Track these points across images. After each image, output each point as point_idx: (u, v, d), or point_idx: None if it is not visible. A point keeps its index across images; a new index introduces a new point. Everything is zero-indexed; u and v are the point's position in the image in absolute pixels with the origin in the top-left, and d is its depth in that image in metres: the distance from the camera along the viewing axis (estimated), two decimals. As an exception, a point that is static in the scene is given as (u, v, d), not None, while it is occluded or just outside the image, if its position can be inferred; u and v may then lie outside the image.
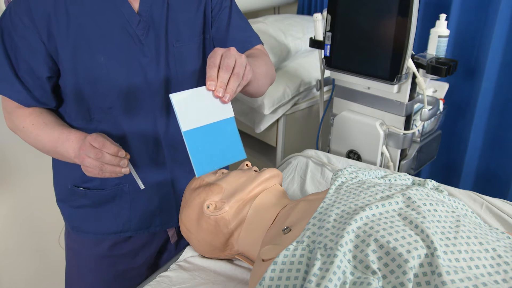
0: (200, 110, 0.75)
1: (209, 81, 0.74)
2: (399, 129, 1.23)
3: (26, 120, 0.93)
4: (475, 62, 1.55)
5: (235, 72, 0.75)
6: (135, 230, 1.06)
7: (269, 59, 1.07)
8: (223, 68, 0.74)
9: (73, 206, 1.05)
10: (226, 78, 0.74)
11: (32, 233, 1.60)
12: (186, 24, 0.98)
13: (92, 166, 0.82)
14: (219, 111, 0.77)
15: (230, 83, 0.75)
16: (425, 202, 0.71)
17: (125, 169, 0.85)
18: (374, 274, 0.59)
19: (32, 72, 0.89)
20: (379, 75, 1.17)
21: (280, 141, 1.71)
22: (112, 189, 1.02)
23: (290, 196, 1.14)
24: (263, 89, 1.01)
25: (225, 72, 0.74)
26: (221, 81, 0.74)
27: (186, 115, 0.74)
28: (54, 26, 0.87)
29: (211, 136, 0.76)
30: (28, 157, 1.49)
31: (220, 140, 0.77)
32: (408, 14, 1.05)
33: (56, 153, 0.93)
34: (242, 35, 1.05)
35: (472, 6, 1.50)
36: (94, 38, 0.89)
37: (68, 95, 0.94)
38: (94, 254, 1.08)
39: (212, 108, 0.76)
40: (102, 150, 0.81)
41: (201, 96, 0.75)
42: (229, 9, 1.03)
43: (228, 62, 0.74)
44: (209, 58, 0.76)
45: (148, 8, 0.93)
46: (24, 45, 0.87)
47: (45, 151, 0.95)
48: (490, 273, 0.60)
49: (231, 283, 0.86)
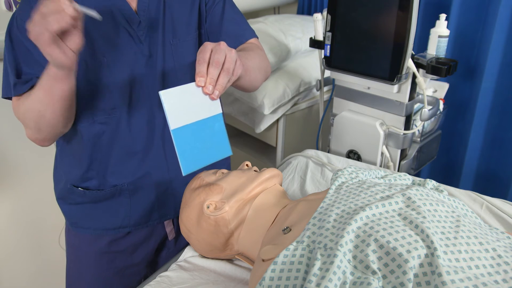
0: (189, 106, 0.74)
1: (198, 77, 0.72)
2: (399, 129, 1.23)
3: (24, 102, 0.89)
4: (475, 62, 1.55)
5: (225, 67, 0.74)
6: (134, 226, 1.07)
7: (263, 52, 1.06)
8: (213, 63, 0.73)
9: (72, 203, 1.06)
10: (216, 74, 0.73)
11: (32, 233, 1.61)
12: (182, 21, 0.98)
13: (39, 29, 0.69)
14: (208, 108, 0.76)
15: (219, 79, 0.74)
16: (425, 202, 0.71)
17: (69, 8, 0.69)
18: (374, 274, 0.59)
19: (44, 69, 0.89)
20: (379, 75, 1.17)
21: (280, 141, 1.71)
22: (111, 189, 1.02)
23: (290, 196, 1.14)
24: (256, 83, 0.99)
25: (215, 68, 0.73)
26: (210, 77, 0.73)
27: (175, 113, 0.72)
28: None
29: (198, 133, 0.75)
30: (28, 156, 1.50)
31: (208, 137, 0.76)
32: (408, 14, 1.05)
33: (46, 94, 0.85)
34: (236, 28, 1.04)
35: (472, 6, 1.50)
36: (96, 40, 0.90)
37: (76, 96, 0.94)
38: (93, 250, 1.08)
39: (200, 104, 0.74)
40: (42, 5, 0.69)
41: (190, 93, 0.73)
42: (222, 2, 1.03)
43: (218, 58, 0.73)
44: (199, 53, 0.74)
45: (145, 7, 0.93)
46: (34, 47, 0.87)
47: (44, 107, 0.86)
48: (490, 273, 0.60)
49: (231, 283, 0.86)
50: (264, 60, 1.04)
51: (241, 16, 1.07)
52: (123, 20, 0.91)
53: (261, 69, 1.01)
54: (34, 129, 0.92)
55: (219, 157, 0.78)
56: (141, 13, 0.93)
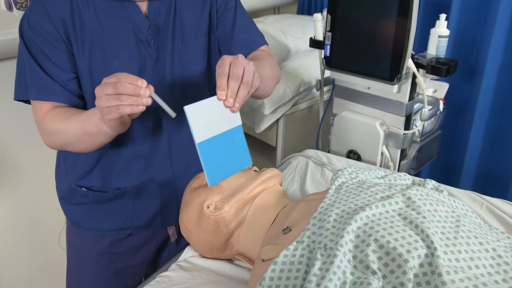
0: (211, 120, 0.76)
1: (219, 91, 0.74)
2: (399, 129, 1.23)
3: (55, 119, 0.89)
4: (475, 62, 1.55)
5: (244, 80, 0.76)
6: (136, 228, 1.07)
7: (274, 59, 1.08)
8: (233, 77, 0.74)
9: (75, 203, 1.06)
10: (236, 87, 0.75)
11: (32, 233, 1.60)
12: (192, 26, 0.98)
13: (110, 103, 0.72)
14: (229, 120, 0.78)
15: (239, 92, 0.75)
16: (425, 202, 0.71)
17: (147, 99, 0.73)
18: (374, 274, 0.59)
19: (63, 72, 0.90)
20: (379, 75, 1.17)
21: (280, 141, 1.71)
22: (115, 191, 1.02)
23: (290, 196, 1.14)
24: (269, 91, 1.01)
25: (235, 82, 0.74)
26: (231, 91, 0.74)
27: (199, 127, 0.74)
28: (71, 34, 0.88)
29: (221, 145, 0.77)
30: (28, 157, 1.50)
31: (229, 148, 0.79)
32: (408, 14, 1.05)
33: (86, 135, 0.87)
34: (247, 35, 1.05)
35: (472, 6, 1.50)
36: (108, 44, 0.90)
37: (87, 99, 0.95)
38: (95, 251, 1.08)
39: (222, 117, 0.77)
40: (120, 80, 0.72)
41: (212, 106, 0.75)
42: (234, 9, 1.04)
43: (238, 71, 0.75)
44: (218, 67, 0.76)
45: (156, 11, 0.93)
46: (50, 49, 0.88)
47: (78, 140, 0.89)
48: (490, 273, 0.60)
49: (231, 283, 0.86)
50: (275, 68, 1.05)
51: (251, 22, 1.08)
52: (133, 24, 0.91)
53: (273, 78, 1.02)
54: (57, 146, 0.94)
55: (240, 167, 0.81)
56: (151, 17, 0.93)
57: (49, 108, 0.91)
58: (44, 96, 0.89)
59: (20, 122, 1.43)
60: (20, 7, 1.20)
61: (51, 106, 0.91)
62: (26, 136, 1.45)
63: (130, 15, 0.91)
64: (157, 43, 0.94)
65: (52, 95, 0.90)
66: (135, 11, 0.91)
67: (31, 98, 0.91)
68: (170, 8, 0.95)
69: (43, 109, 0.91)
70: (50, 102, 0.90)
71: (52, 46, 0.88)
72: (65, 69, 0.90)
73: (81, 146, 0.91)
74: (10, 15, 1.22)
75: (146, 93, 0.73)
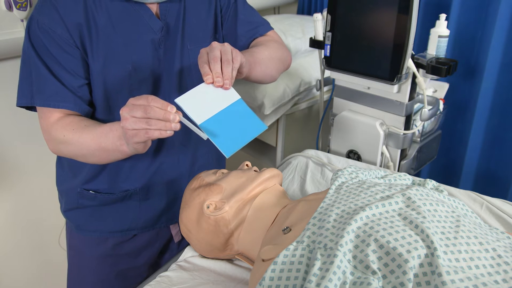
0: (207, 103, 0.79)
1: (205, 77, 0.78)
2: (399, 129, 1.23)
3: (66, 128, 0.88)
4: (475, 62, 1.55)
5: (224, 59, 0.79)
6: (141, 229, 1.07)
7: (277, 43, 1.09)
8: (211, 61, 0.79)
9: (80, 207, 1.05)
10: (218, 67, 0.79)
11: (32, 233, 1.60)
12: (200, 26, 0.99)
13: (138, 126, 0.72)
14: (226, 98, 0.81)
15: (223, 70, 0.79)
16: (425, 202, 0.71)
17: (176, 124, 0.73)
18: (374, 274, 0.59)
19: (74, 78, 0.88)
20: (379, 75, 1.17)
21: (280, 141, 1.71)
22: (122, 193, 1.02)
23: (290, 196, 1.14)
24: (271, 72, 1.03)
25: (215, 63, 0.78)
26: (215, 72, 0.78)
27: (196, 111, 0.78)
28: (86, 39, 0.87)
29: (226, 120, 0.80)
30: (28, 157, 1.50)
31: (236, 121, 0.81)
32: (408, 14, 1.05)
33: (101, 150, 0.86)
34: (249, 27, 1.08)
35: (472, 6, 1.50)
36: (122, 48, 0.90)
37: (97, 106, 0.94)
38: (97, 253, 1.08)
39: (217, 98, 0.80)
40: (149, 104, 0.72)
41: (203, 92, 0.79)
42: (235, 5, 1.05)
43: (214, 54, 0.79)
44: (198, 59, 0.80)
45: (166, 12, 0.93)
46: (61, 54, 0.86)
47: (91, 154, 0.88)
48: (490, 273, 0.60)
49: (231, 283, 0.85)
50: (277, 50, 1.06)
51: (253, 13, 1.10)
52: (146, 26, 0.91)
53: (273, 59, 1.03)
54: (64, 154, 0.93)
55: (255, 133, 0.83)
56: (163, 18, 0.93)
57: (59, 116, 0.88)
58: (53, 103, 0.87)
59: (20, 122, 1.43)
60: (20, 7, 1.20)
61: (61, 114, 0.89)
62: (26, 136, 1.45)
63: (142, 16, 0.91)
64: (167, 44, 0.94)
65: (62, 102, 0.87)
66: (147, 13, 0.91)
67: (37, 105, 0.88)
68: (180, 9, 0.95)
69: (53, 116, 0.89)
70: (59, 110, 0.88)
71: (64, 51, 0.86)
72: (76, 75, 0.88)
73: (92, 159, 0.90)
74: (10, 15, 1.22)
75: (175, 118, 0.72)
